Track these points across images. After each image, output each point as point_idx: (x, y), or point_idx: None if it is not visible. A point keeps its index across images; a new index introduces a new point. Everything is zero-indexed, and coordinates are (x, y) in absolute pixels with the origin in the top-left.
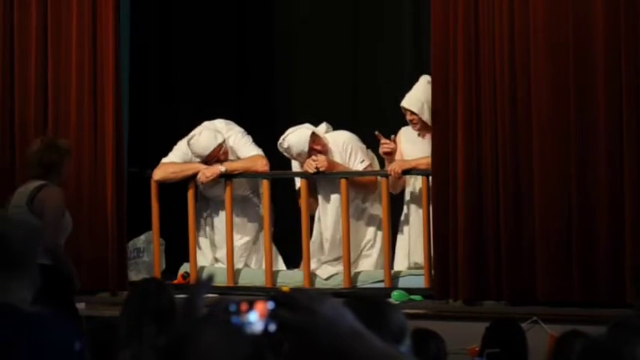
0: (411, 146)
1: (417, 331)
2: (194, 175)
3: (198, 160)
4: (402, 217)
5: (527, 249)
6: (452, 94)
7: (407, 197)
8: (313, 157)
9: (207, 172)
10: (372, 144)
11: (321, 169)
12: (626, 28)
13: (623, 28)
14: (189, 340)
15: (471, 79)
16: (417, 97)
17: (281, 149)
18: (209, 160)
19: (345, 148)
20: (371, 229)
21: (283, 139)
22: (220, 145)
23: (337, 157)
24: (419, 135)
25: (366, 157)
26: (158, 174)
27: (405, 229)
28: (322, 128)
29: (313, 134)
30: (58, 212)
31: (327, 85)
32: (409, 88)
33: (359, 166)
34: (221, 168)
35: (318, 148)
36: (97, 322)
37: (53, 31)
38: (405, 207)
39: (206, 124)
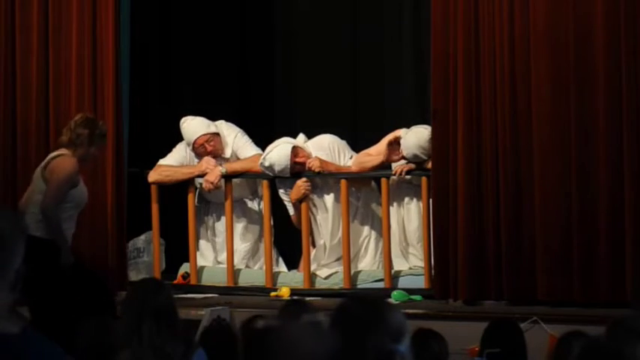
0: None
1: (420, 331)
2: (189, 178)
3: (190, 148)
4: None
5: (527, 249)
6: (452, 93)
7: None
8: (303, 179)
9: (210, 179)
10: (371, 142)
11: (316, 170)
12: (626, 28)
13: (623, 28)
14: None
15: (470, 78)
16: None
17: (262, 168)
18: (196, 148)
19: (332, 149)
20: (366, 228)
21: (264, 159)
22: (210, 135)
23: (327, 160)
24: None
25: (350, 151)
26: (152, 176)
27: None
28: (301, 139)
29: (294, 148)
30: (63, 182)
31: (327, 85)
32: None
33: (349, 162)
34: (221, 170)
35: (301, 160)
36: (96, 322)
37: (54, 31)
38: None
39: None
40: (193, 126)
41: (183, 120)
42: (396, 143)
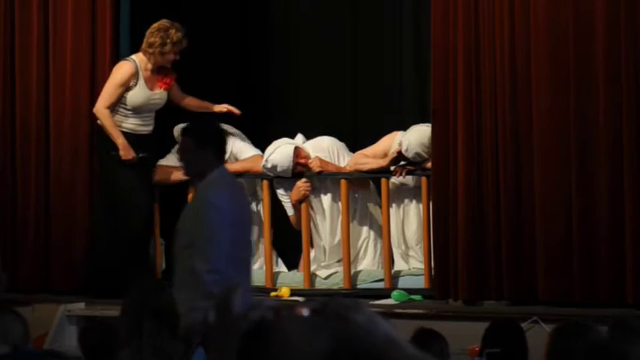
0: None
1: (420, 331)
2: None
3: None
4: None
5: (527, 249)
6: (452, 93)
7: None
8: (303, 180)
9: None
10: (370, 143)
11: (317, 170)
12: (627, 26)
13: (623, 26)
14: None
15: (471, 78)
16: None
17: (265, 170)
18: None
19: (331, 151)
20: (364, 229)
21: (267, 160)
22: None
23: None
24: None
25: (349, 153)
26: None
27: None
28: (299, 139)
29: (296, 148)
30: (114, 83)
31: (326, 85)
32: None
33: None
34: None
35: (303, 161)
36: (96, 322)
37: (54, 30)
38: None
39: None
40: None
41: (176, 130)
42: (398, 155)
